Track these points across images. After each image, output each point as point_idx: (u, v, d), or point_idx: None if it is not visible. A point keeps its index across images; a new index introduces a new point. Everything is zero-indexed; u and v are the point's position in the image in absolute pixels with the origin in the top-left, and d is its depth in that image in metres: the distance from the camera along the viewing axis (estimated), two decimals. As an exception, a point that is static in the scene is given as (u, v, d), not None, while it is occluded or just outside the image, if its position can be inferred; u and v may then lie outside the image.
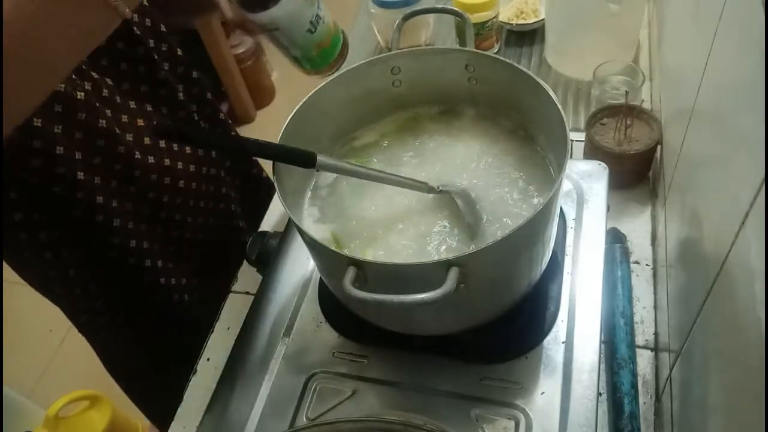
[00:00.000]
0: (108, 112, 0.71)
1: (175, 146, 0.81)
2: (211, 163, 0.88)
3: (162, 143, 0.80)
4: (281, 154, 0.53)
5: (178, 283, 0.87)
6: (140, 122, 0.77)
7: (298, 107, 0.58)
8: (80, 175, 0.70)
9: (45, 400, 1.41)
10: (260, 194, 1.02)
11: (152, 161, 0.77)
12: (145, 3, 0.79)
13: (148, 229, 0.81)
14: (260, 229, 0.81)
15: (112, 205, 0.75)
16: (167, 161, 0.79)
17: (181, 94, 0.83)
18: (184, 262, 0.87)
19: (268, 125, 2.32)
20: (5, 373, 1.25)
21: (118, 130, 0.72)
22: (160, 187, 0.79)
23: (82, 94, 0.68)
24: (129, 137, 0.75)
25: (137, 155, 0.75)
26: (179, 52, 0.84)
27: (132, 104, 0.76)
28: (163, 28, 0.81)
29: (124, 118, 0.75)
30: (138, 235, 0.79)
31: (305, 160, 0.53)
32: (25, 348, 1.76)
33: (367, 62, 0.62)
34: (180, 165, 0.81)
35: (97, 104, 0.70)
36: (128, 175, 0.75)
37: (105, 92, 0.72)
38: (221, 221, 0.92)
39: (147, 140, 0.77)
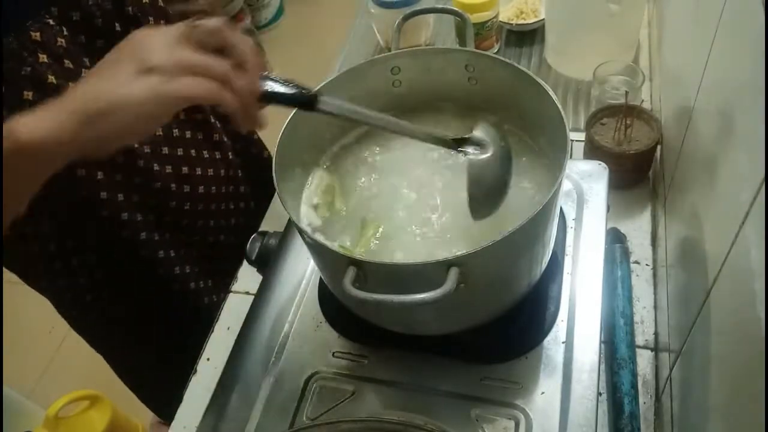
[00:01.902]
0: None
1: (193, 152, 0.81)
2: (229, 165, 0.88)
3: (179, 151, 0.79)
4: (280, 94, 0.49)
5: (205, 286, 0.88)
6: (158, 131, 0.77)
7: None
8: (103, 194, 0.72)
9: (45, 400, 1.41)
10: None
11: (169, 170, 0.78)
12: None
13: (172, 238, 0.82)
14: (260, 229, 0.81)
15: (137, 218, 0.76)
16: (185, 169, 0.80)
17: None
18: (208, 265, 0.88)
19: (268, 125, 2.32)
20: (5, 373, 1.24)
21: (136, 144, 0.73)
22: (181, 196, 0.80)
23: None
24: (147, 149, 0.75)
25: (156, 167, 0.75)
26: None
27: None
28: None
29: None
30: (162, 245, 0.80)
31: (305, 102, 0.49)
32: (25, 348, 1.76)
33: (367, 62, 0.62)
34: (199, 171, 0.82)
35: None
36: (148, 188, 0.76)
37: None
38: (243, 220, 0.92)
39: (165, 150, 0.77)
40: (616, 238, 0.76)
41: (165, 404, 1.01)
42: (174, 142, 0.79)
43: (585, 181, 0.72)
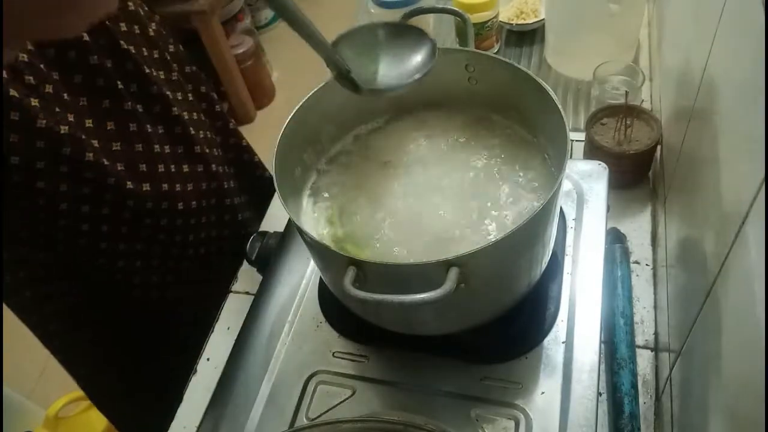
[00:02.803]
0: (95, 143, 0.69)
1: (173, 167, 0.78)
2: (211, 178, 0.85)
3: (161, 168, 0.76)
4: None
5: (176, 298, 0.86)
6: (138, 147, 0.74)
7: (298, 107, 0.58)
8: (63, 205, 0.69)
9: (45, 400, 1.41)
10: (268, 196, 1.02)
11: (147, 188, 0.75)
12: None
13: (145, 249, 0.79)
14: (260, 229, 0.80)
15: (102, 229, 0.73)
16: (165, 186, 0.77)
17: (176, 108, 0.79)
18: (185, 277, 0.86)
19: (268, 125, 2.32)
20: (5, 373, 1.24)
21: (106, 162, 0.69)
22: (158, 213, 0.77)
23: (66, 128, 0.65)
24: (120, 166, 0.72)
25: (129, 185, 0.72)
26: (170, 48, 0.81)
27: (132, 126, 0.73)
28: (151, 33, 0.78)
29: (116, 146, 0.72)
30: (131, 256, 0.78)
31: None
32: (25, 348, 1.75)
33: (367, 62, 0.62)
34: (178, 187, 0.79)
35: (83, 137, 0.67)
36: (121, 204, 0.73)
37: (89, 123, 0.69)
38: (227, 231, 0.90)
39: (143, 167, 0.74)
40: (616, 238, 0.76)
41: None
42: (154, 159, 0.76)
43: (585, 181, 0.72)
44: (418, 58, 0.56)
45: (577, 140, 0.87)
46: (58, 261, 0.74)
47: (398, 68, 0.56)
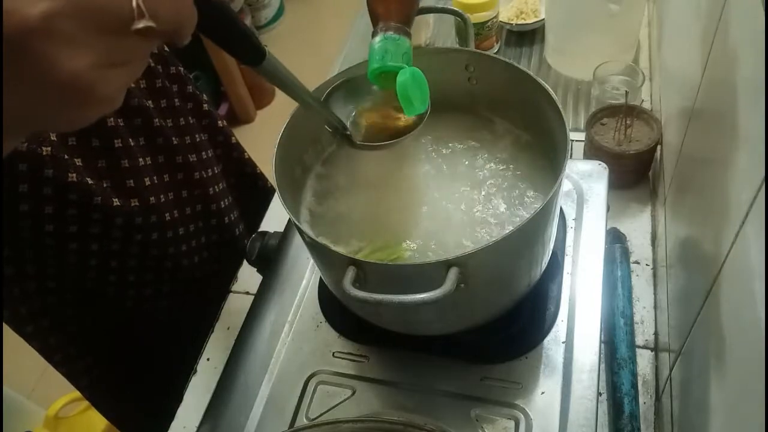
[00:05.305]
0: (78, 161, 0.67)
1: (155, 179, 0.77)
2: (194, 185, 0.84)
3: (147, 181, 0.75)
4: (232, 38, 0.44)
5: (172, 305, 0.85)
6: (124, 163, 0.72)
7: (298, 107, 0.58)
8: (49, 227, 0.67)
9: (45, 400, 1.41)
10: (257, 192, 1.01)
11: (136, 204, 0.74)
12: None
13: (137, 265, 0.79)
14: (260, 229, 0.80)
15: (91, 248, 0.72)
16: (152, 199, 0.76)
17: (157, 120, 0.77)
18: (179, 289, 0.85)
19: (268, 125, 2.32)
20: (5, 373, 1.24)
21: (90, 180, 0.68)
22: (147, 227, 0.76)
23: (49, 149, 0.64)
24: (106, 184, 0.70)
25: (116, 202, 0.71)
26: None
27: (117, 143, 0.72)
28: None
29: (101, 163, 0.70)
30: (124, 272, 0.77)
31: (254, 56, 0.45)
32: (25, 348, 1.75)
33: (366, 62, 0.62)
34: (162, 198, 0.78)
35: (65, 156, 0.65)
36: (109, 222, 0.72)
37: (72, 141, 0.67)
38: (215, 236, 0.89)
39: (131, 182, 0.73)
40: (616, 238, 0.76)
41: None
42: (140, 173, 0.75)
43: (585, 181, 0.72)
44: None
45: (577, 140, 0.87)
46: (49, 276, 0.73)
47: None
